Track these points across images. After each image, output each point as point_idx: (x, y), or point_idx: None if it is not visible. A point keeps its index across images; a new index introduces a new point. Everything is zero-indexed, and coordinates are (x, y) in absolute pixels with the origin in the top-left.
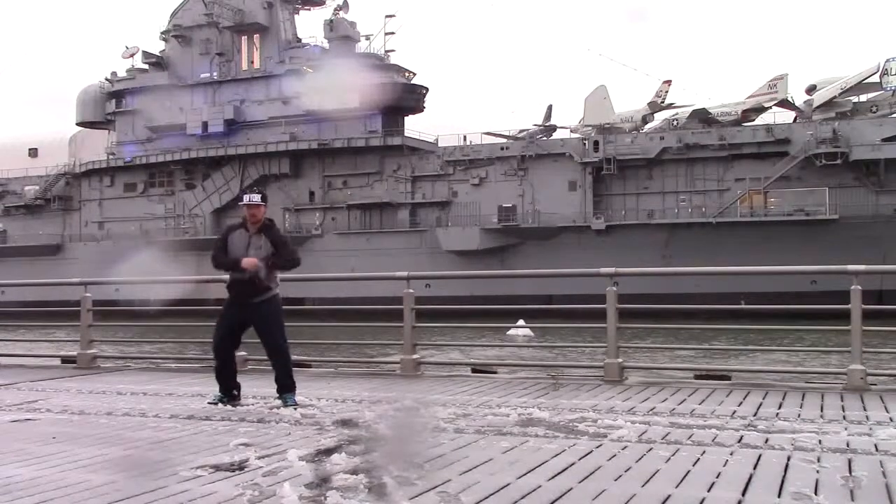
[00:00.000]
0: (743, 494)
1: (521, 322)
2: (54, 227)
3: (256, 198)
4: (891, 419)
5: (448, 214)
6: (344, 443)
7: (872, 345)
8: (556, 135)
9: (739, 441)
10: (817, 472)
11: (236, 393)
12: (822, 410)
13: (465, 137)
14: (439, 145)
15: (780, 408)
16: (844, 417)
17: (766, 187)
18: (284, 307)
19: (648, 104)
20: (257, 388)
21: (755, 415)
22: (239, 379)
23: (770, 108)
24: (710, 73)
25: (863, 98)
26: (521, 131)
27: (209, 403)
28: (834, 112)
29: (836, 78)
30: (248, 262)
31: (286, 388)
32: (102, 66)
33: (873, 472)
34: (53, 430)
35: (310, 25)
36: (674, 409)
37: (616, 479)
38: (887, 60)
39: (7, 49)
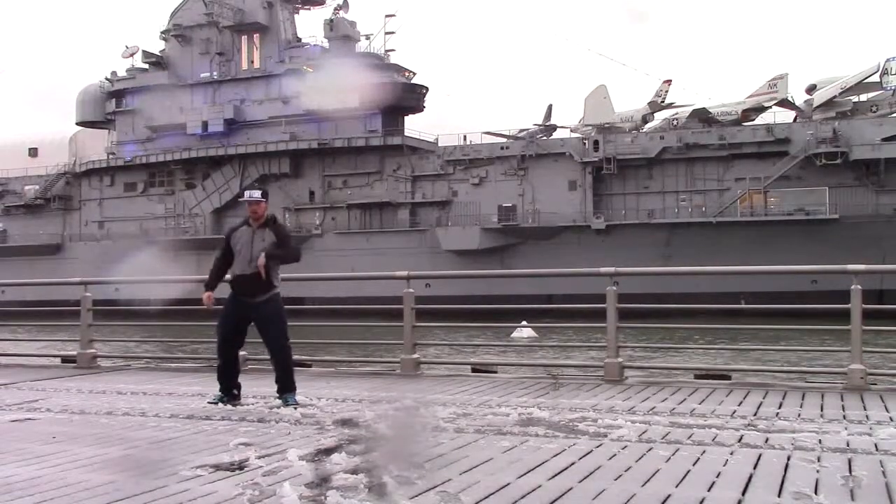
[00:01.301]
0: (743, 494)
1: (524, 322)
2: (54, 227)
3: (257, 194)
4: (891, 419)
5: (448, 214)
6: (344, 442)
7: (872, 345)
8: (556, 134)
9: (739, 441)
10: (817, 471)
11: (236, 392)
12: (822, 410)
13: (465, 137)
14: (439, 145)
15: (780, 407)
16: (844, 417)
17: (766, 187)
18: (284, 307)
19: (648, 104)
20: (257, 388)
21: (755, 414)
22: (239, 379)
23: (770, 107)
24: (710, 73)
25: (863, 98)
26: (521, 131)
27: (209, 403)
28: (834, 112)
29: (836, 78)
30: (206, 297)
31: (286, 388)
32: (102, 66)
33: (873, 472)
34: (53, 429)
35: (310, 25)
36: (674, 408)
37: (616, 479)
38: (887, 60)
39: (7, 49)
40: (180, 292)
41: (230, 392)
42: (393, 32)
